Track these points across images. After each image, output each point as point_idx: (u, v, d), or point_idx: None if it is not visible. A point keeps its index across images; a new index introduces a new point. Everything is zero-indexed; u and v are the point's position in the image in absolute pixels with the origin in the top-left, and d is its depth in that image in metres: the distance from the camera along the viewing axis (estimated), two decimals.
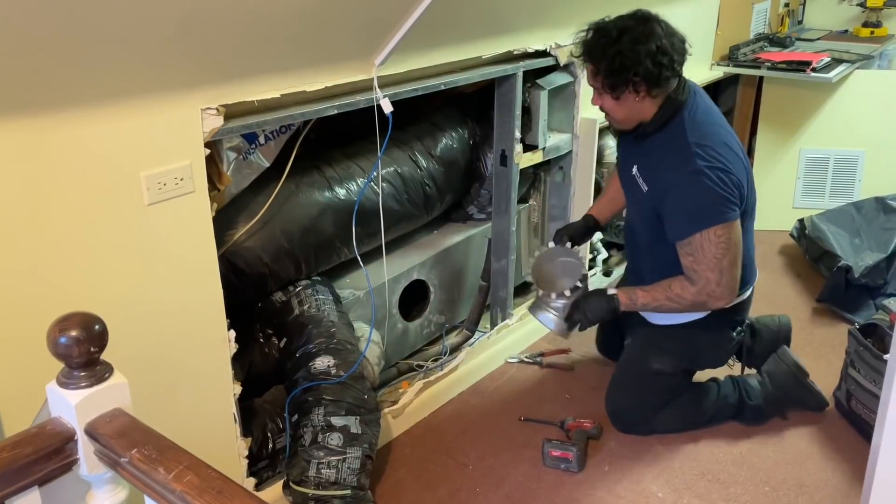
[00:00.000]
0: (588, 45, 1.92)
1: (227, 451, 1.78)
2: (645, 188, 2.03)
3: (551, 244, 2.23)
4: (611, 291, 2.06)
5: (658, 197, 1.98)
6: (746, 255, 2.08)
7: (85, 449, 0.93)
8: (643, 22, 1.88)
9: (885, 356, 2.02)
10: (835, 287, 2.87)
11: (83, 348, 0.89)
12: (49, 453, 0.91)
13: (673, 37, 1.89)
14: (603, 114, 2.05)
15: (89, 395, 0.91)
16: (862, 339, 2.17)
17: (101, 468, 0.94)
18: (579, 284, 2.10)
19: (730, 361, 2.31)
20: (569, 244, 2.19)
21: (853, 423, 2.23)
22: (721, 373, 2.34)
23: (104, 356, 0.94)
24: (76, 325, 0.89)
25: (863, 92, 3.43)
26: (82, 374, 0.91)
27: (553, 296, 2.09)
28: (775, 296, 2.99)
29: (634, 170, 2.06)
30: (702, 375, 2.32)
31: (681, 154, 1.91)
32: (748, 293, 2.18)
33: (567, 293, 2.08)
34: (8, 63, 1.18)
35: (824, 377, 2.34)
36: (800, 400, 2.27)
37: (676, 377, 2.21)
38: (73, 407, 0.91)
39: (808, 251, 3.17)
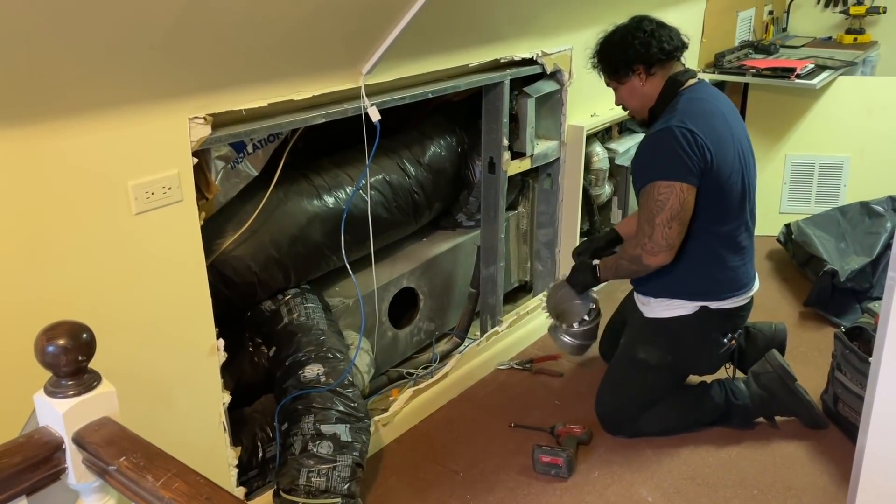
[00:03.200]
0: (595, 50, 2.19)
1: (217, 460, 1.78)
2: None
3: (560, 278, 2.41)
4: (595, 262, 2.25)
5: (637, 155, 2.14)
6: (731, 256, 2.12)
7: (73, 458, 0.92)
8: (633, 20, 2.13)
9: (871, 359, 2.04)
10: (821, 291, 2.90)
11: (71, 357, 0.89)
12: (37, 462, 0.90)
13: (663, 27, 2.11)
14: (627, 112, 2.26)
15: (77, 403, 0.91)
16: (848, 342, 2.19)
17: (90, 477, 0.94)
18: (591, 310, 2.32)
19: (727, 366, 2.32)
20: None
21: (840, 426, 2.24)
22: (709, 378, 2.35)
23: (92, 365, 0.94)
24: (64, 333, 0.89)
25: (847, 98, 3.47)
26: (70, 382, 0.91)
27: (574, 325, 2.30)
28: (763, 300, 3.00)
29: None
30: (693, 381, 2.34)
31: (663, 121, 2.05)
32: (742, 300, 2.18)
33: (585, 318, 2.29)
34: None
35: (812, 380, 2.35)
36: (788, 406, 2.25)
37: (662, 372, 2.21)
38: (61, 416, 0.91)
39: (795, 256, 3.19)
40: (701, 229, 2.07)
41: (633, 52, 2.07)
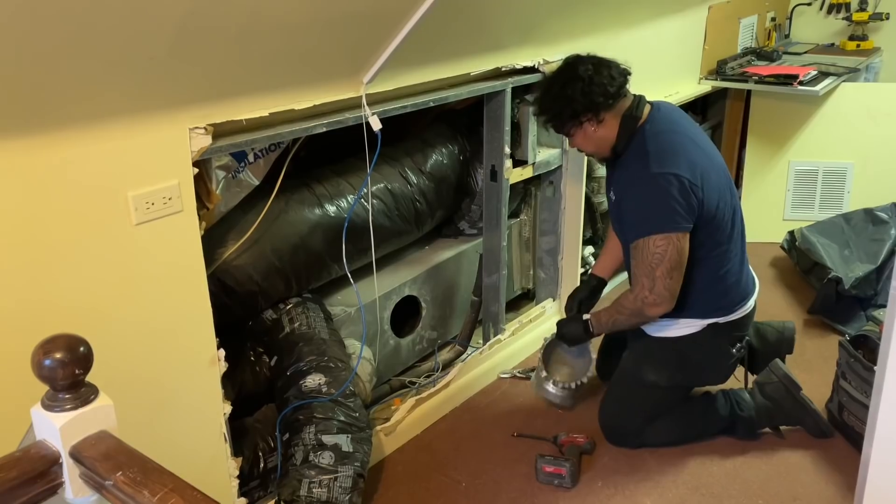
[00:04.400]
0: (536, 108, 2.14)
1: (218, 470, 1.77)
2: (613, 198, 2.13)
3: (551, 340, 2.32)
4: (585, 317, 2.19)
5: (620, 203, 2.08)
6: (733, 269, 2.10)
7: (70, 472, 0.92)
8: (567, 65, 2.06)
9: (875, 367, 2.03)
10: (825, 298, 2.88)
11: (68, 370, 0.88)
12: (34, 477, 0.90)
13: (600, 66, 2.03)
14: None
15: (74, 417, 0.90)
16: (853, 350, 2.18)
17: (87, 491, 0.93)
18: (593, 367, 2.27)
19: (735, 376, 2.29)
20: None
21: (845, 435, 2.23)
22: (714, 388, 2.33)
23: (92, 375, 0.93)
24: (61, 347, 0.88)
25: (850, 104, 3.46)
26: (67, 396, 0.90)
27: (572, 384, 2.22)
28: (767, 308, 2.99)
29: (611, 190, 2.15)
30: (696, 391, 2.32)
31: (639, 162, 2.00)
32: (748, 308, 2.17)
33: (584, 380, 2.22)
34: None
35: (816, 389, 2.34)
36: (793, 416, 2.23)
37: (671, 391, 2.21)
38: (58, 430, 0.90)
39: (799, 263, 3.18)
40: (700, 258, 2.04)
41: (576, 104, 1.99)
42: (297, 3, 1.48)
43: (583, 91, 1.98)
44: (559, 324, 2.28)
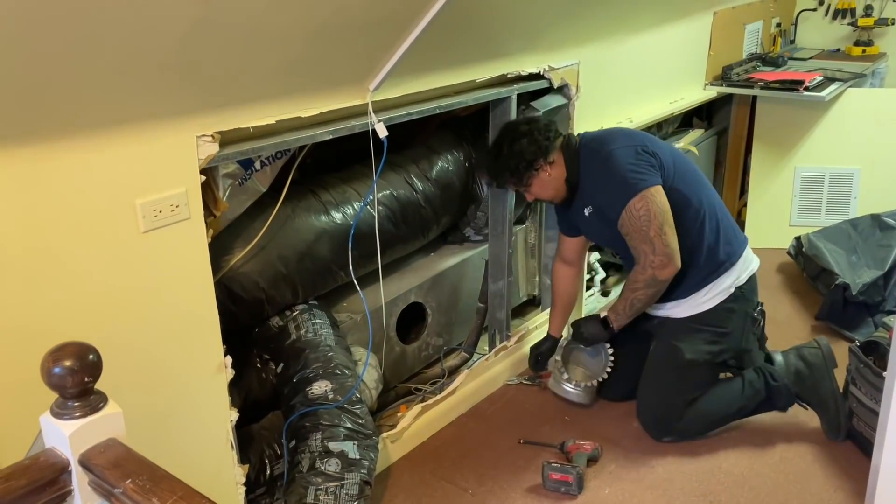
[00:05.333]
0: (487, 172, 2.31)
1: (225, 477, 1.77)
2: (592, 211, 2.21)
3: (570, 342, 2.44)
4: (602, 315, 2.26)
5: (599, 208, 2.17)
6: (720, 228, 2.20)
7: (79, 480, 0.92)
8: (505, 132, 2.22)
9: (885, 373, 2.02)
10: (833, 305, 2.87)
11: (77, 378, 0.89)
12: (43, 485, 0.90)
13: (532, 121, 2.25)
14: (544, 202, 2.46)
15: (83, 425, 0.91)
16: (863, 356, 2.17)
17: (96, 499, 0.93)
18: (612, 362, 2.35)
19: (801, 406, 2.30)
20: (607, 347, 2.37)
21: (855, 441, 2.21)
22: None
23: (99, 382, 0.93)
24: (70, 355, 0.89)
25: (856, 110, 3.46)
26: (76, 404, 0.91)
27: (592, 383, 2.36)
28: (774, 314, 2.99)
29: (585, 209, 2.23)
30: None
31: (594, 162, 2.17)
32: (750, 262, 2.25)
33: (602, 378, 2.35)
34: (3, 93, 1.19)
35: None
36: (819, 391, 2.24)
37: (708, 367, 2.25)
38: (67, 437, 0.90)
39: (806, 269, 3.17)
40: (689, 224, 2.14)
41: (528, 154, 2.14)
42: (303, 12, 1.48)
43: (529, 141, 2.14)
44: (575, 325, 2.34)
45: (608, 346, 2.35)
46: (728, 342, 2.25)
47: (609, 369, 2.34)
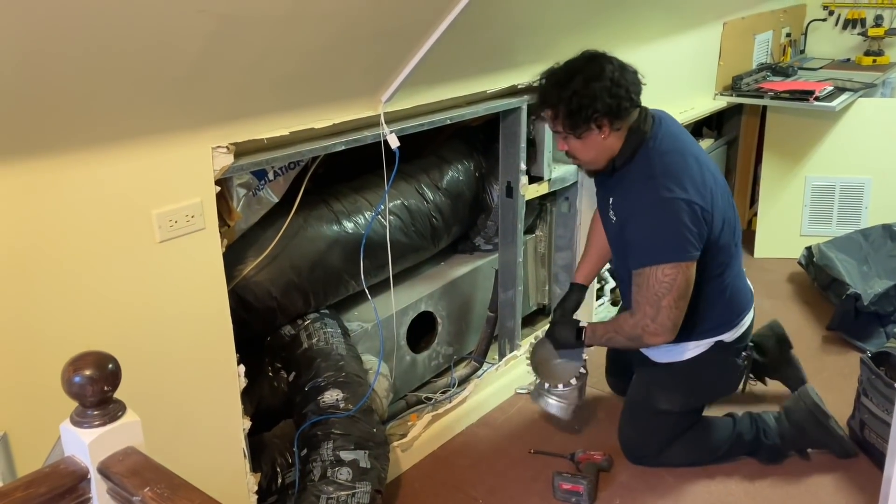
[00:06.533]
0: (544, 91, 1.93)
1: (237, 486, 1.78)
2: (614, 219, 2.03)
3: (539, 335, 2.26)
4: (582, 323, 2.13)
5: (624, 226, 1.97)
6: (733, 285, 2.08)
7: (98, 488, 0.93)
8: (592, 60, 1.89)
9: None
10: (844, 315, 2.86)
11: (97, 387, 0.90)
12: (62, 493, 0.91)
13: (625, 70, 1.89)
14: (571, 159, 2.05)
15: (102, 433, 0.92)
16: (874, 367, 2.16)
17: None
18: (583, 371, 2.17)
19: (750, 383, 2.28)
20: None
21: (867, 453, 2.20)
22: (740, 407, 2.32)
23: (115, 392, 0.95)
24: (90, 364, 0.90)
25: (867, 120, 3.45)
26: (96, 412, 0.92)
27: (559, 386, 2.16)
28: (784, 324, 2.97)
29: (610, 202, 2.04)
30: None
31: (647, 185, 1.89)
32: (748, 321, 2.16)
33: (573, 381, 2.15)
34: (23, 104, 1.21)
35: (836, 406, 2.31)
36: (820, 441, 2.19)
37: (686, 415, 2.18)
38: (87, 446, 0.91)
39: (817, 279, 3.16)
40: (704, 280, 1.98)
41: (600, 104, 1.83)
42: (317, 26, 1.50)
43: (610, 92, 1.82)
44: (552, 324, 2.21)
45: (585, 357, 2.19)
46: (704, 392, 2.19)
47: (574, 380, 2.14)
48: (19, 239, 1.29)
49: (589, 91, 1.83)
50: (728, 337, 2.11)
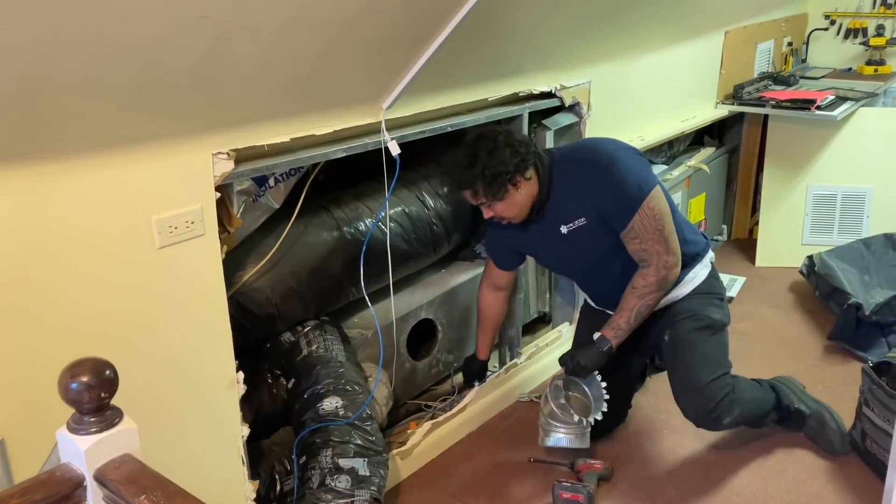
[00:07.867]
0: (457, 177, 2.00)
1: (235, 493, 1.77)
2: (566, 231, 2.06)
3: (558, 383, 2.17)
4: (595, 336, 2.06)
5: (597, 214, 2.02)
6: (684, 226, 2.19)
7: (94, 495, 0.92)
8: (482, 136, 1.98)
9: None
10: (846, 324, 2.85)
11: (94, 394, 0.90)
12: (58, 500, 0.90)
13: (508, 133, 2.02)
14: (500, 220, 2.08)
15: (99, 440, 0.91)
16: (875, 377, 2.15)
17: None
18: (602, 383, 2.09)
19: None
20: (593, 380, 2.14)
21: (868, 463, 2.19)
22: None
23: (114, 400, 0.94)
24: (87, 370, 0.90)
25: (868, 129, 3.45)
26: (93, 419, 0.92)
27: (598, 415, 2.09)
28: (786, 334, 2.98)
29: (559, 228, 2.07)
30: None
31: (583, 170, 2.04)
32: (710, 260, 2.25)
33: (605, 396, 2.08)
34: (23, 111, 1.21)
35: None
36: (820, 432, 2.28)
37: (725, 330, 2.21)
38: (83, 453, 0.91)
39: (818, 288, 3.15)
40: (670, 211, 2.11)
41: (510, 166, 1.93)
42: (317, 34, 1.50)
43: (511, 152, 1.95)
44: (570, 357, 2.10)
45: (596, 373, 2.10)
46: (727, 308, 2.26)
47: (606, 395, 2.08)
48: (18, 244, 1.29)
49: (495, 160, 1.94)
50: (712, 255, 2.25)
